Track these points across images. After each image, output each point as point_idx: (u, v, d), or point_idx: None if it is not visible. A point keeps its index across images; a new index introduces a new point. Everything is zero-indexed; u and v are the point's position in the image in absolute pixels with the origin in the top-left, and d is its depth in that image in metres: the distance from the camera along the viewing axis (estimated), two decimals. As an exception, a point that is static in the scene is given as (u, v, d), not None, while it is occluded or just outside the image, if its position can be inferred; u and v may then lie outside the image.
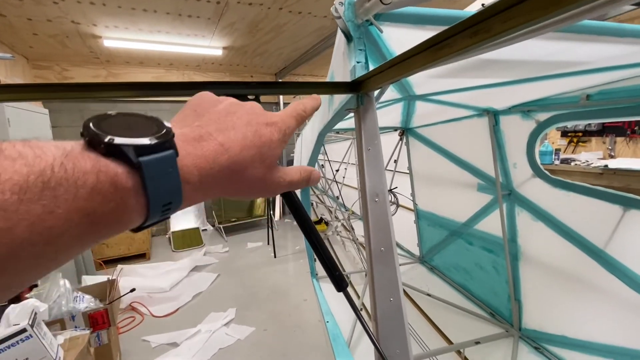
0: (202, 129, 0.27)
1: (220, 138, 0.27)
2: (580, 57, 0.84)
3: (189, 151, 0.25)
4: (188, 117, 0.29)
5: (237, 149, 0.28)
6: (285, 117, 0.34)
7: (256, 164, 0.29)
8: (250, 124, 0.30)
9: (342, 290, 0.45)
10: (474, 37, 0.24)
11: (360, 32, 0.53)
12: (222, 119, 0.29)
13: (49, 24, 3.23)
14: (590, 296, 1.23)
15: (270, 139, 0.31)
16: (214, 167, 0.26)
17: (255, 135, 0.29)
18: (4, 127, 2.45)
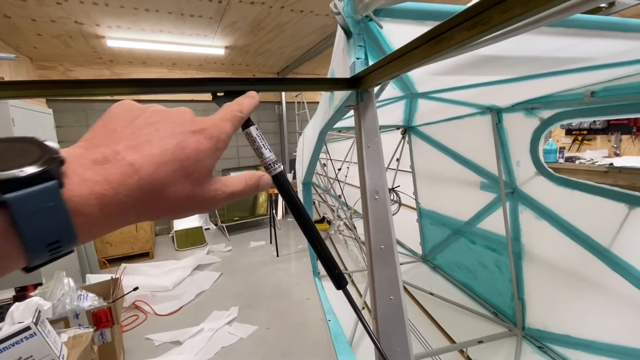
0: (108, 149, 0.24)
1: (131, 157, 0.24)
2: (584, 53, 0.83)
3: (85, 177, 0.22)
4: (97, 135, 0.26)
5: (150, 167, 0.24)
6: (218, 121, 0.31)
7: (179, 181, 0.26)
8: (173, 134, 0.27)
9: (342, 288, 0.45)
10: (472, 29, 0.23)
11: (360, 28, 0.52)
12: (137, 132, 0.26)
13: (53, 24, 3.25)
14: (595, 295, 1.22)
15: (197, 149, 0.27)
16: (120, 192, 0.23)
17: (177, 147, 0.26)
18: (8, 127, 2.46)
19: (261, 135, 0.41)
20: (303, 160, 1.83)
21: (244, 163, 6.27)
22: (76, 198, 0.21)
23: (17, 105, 2.60)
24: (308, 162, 1.51)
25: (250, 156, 6.35)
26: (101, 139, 0.25)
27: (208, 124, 0.30)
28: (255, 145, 0.41)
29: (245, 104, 0.36)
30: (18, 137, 0.22)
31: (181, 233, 5.16)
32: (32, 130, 2.84)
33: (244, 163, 6.27)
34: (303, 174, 1.71)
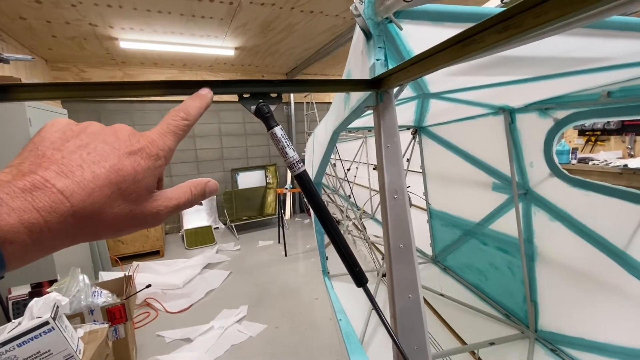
0: (36, 176, 0.23)
1: (60, 184, 0.23)
2: (603, 53, 0.82)
3: (14, 206, 0.22)
4: (26, 160, 0.25)
5: (82, 194, 0.24)
6: (157, 137, 0.30)
7: (116, 203, 0.26)
8: (107, 157, 0.26)
9: (362, 285, 0.46)
10: (504, 32, 0.24)
11: (380, 30, 0.53)
12: (68, 157, 0.25)
13: (68, 26, 3.32)
14: (610, 298, 1.20)
15: (134, 170, 0.27)
16: (51, 220, 0.23)
17: (112, 170, 0.25)
18: (25, 127, 2.53)
19: (285, 136, 0.42)
20: (313, 160, 1.84)
21: (252, 163, 6.31)
22: (4, 227, 0.21)
23: (33, 105, 2.67)
24: (319, 162, 1.52)
25: (258, 156, 6.39)
26: (29, 164, 0.24)
27: (145, 142, 0.29)
28: (280, 145, 0.42)
29: (193, 109, 0.34)
30: None
31: (191, 232, 5.21)
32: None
33: (253, 163, 6.31)
34: (313, 174, 1.72)
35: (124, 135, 0.28)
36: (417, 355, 0.52)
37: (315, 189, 0.43)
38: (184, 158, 5.74)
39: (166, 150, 0.30)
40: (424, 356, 0.52)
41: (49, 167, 0.24)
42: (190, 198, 0.32)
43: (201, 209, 5.75)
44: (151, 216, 0.29)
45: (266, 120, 0.42)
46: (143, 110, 5.31)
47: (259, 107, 0.42)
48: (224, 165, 6.10)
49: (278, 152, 0.42)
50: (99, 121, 0.30)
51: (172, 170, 5.66)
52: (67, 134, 0.27)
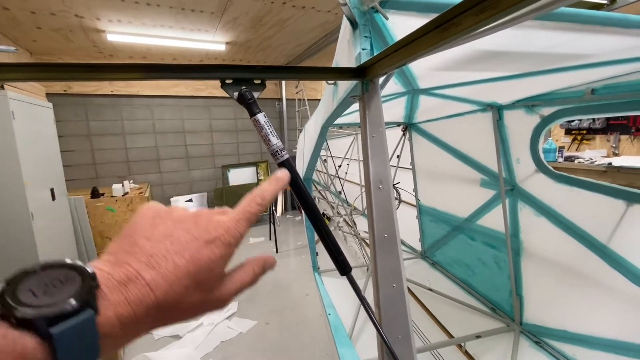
0: (130, 268, 0.26)
1: (148, 276, 0.26)
2: (585, 50, 0.83)
3: (112, 301, 0.24)
4: (121, 249, 0.27)
5: (165, 286, 0.26)
6: (234, 225, 0.31)
7: (191, 293, 0.28)
8: (187, 247, 0.28)
9: (346, 274, 0.46)
10: (481, 14, 0.24)
11: (366, 19, 0.53)
12: (156, 246, 0.27)
13: (53, 17, 3.24)
14: (592, 291, 1.23)
15: (210, 260, 0.28)
16: (138, 312, 0.25)
17: (191, 261, 0.27)
18: (8, 120, 2.46)
19: (269, 123, 0.42)
20: (304, 155, 1.84)
21: (244, 160, 6.27)
22: (105, 322, 0.23)
23: (16, 98, 2.60)
24: (309, 157, 1.52)
25: (249, 153, 6.35)
26: (125, 254, 0.27)
27: (222, 230, 0.30)
28: (263, 133, 0.42)
29: (269, 193, 0.36)
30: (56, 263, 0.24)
31: (180, 229, 5.16)
32: (33, 124, 2.83)
33: (244, 160, 6.27)
34: (304, 169, 1.71)
35: (203, 222, 0.30)
36: (401, 345, 0.52)
37: (299, 175, 0.42)
38: (174, 154, 5.67)
39: (238, 237, 0.31)
40: (407, 345, 0.52)
41: (140, 258, 0.26)
42: (253, 278, 0.35)
43: (191, 206, 5.70)
44: (219, 301, 0.31)
45: (249, 107, 0.41)
46: (131, 105, 5.22)
47: (241, 93, 0.42)
48: (215, 161, 6.04)
49: (261, 139, 0.42)
50: (85, 115, 0.29)
51: (161, 166, 5.58)
52: (156, 220, 0.30)
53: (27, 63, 0.35)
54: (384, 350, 0.51)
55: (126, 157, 5.28)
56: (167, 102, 5.46)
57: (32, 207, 2.59)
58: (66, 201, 3.37)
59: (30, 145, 2.70)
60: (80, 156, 4.93)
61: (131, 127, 5.26)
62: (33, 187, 2.65)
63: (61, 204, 3.23)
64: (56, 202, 3.10)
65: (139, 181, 5.34)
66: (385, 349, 0.51)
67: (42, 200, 2.84)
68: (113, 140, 5.14)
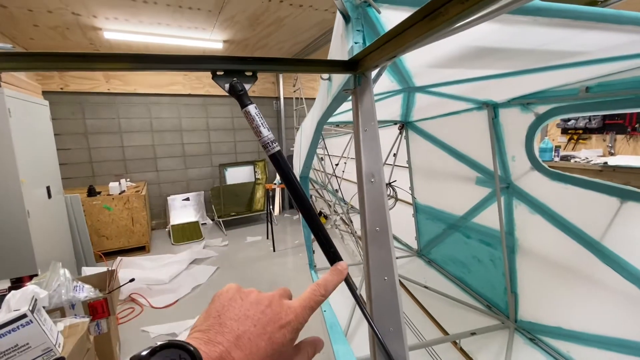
0: (222, 347, 0.29)
1: (237, 356, 0.29)
2: (579, 47, 0.84)
3: None
4: (212, 328, 0.31)
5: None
6: (301, 312, 0.35)
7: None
8: (265, 330, 0.32)
9: (337, 266, 0.46)
10: (466, 1, 0.24)
11: (358, 13, 0.53)
12: (242, 328, 0.31)
13: (50, 15, 3.22)
14: (586, 288, 1.24)
15: (282, 343, 0.32)
16: None
17: (269, 343, 0.31)
18: (4, 118, 2.45)
19: (260, 114, 0.42)
20: (301, 153, 1.84)
21: (241, 158, 6.26)
22: None
23: (13, 96, 2.58)
24: (305, 154, 1.52)
25: (247, 151, 6.34)
26: (215, 333, 0.30)
27: (292, 316, 0.34)
28: (254, 124, 0.42)
29: (332, 285, 0.40)
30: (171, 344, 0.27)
31: (177, 227, 5.15)
32: (29, 122, 2.81)
33: (241, 158, 6.26)
34: (300, 167, 1.71)
35: (277, 306, 0.34)
36: (393, 337, 0.52)
37: (289, 167, 0.42)
38: (172, 152, 5.65)
39: (304, 323, 0.35)
40: (399, 338, 0.53)
41: (229, 338, 0.30)
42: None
43: (188, 205, 5.68)
44: None
45: (240, 98, 0.41)
46: (128, 103, 5.20)
47: (232, 85, 0.42)
48: (212, 160, 6.03)
49: (252, 131, 0.42)
50: (82, 113, 0.30)
51: (158, 165, 5.57)
52: (237, 301, 0.33)
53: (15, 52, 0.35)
54: (375, 343, 0.51)
55: (123, 155, 5.26)
56: (164, 100, 5.45)
57: (28, 205, 2.57)
58: (62, 199, 3.36)
59: (26, 143, 2.69)
60: (77, 154, 4.91)
61: (128, 126, 5.24)
62: (29, 185, 2.64)
63: (57, 202, 3.22)
64: (52, 200, 3.09)
65: (135, 179, 5.33)
66: (377, 342, 0.51)
67: (38, 198, 2.83)
68: (110, 139, 5.12)
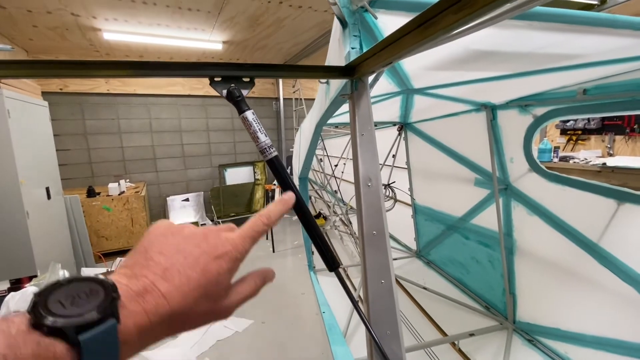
0: (146, 280, 0.28)
1: (163, 287, 0.28)
2: (576, 50, 0.84)
3: (131, 310, 0.26)
4: (137, 263, 0.29)
5: (178, 297, 0.28)
6: (240, 241, 0.34)
7: (201, 302, 0.30)
8: (198, 261, 0.30)
9: (334, 270, 0.46)
10: (458, 12, 0.24)
11: (355, 19, 0.53)
12: (170, 260, 0.29)
13: (49, 16, 3.22)
14: (584, 289, 1.24)
15: (218, 273, 0.31)
16: (154, 321, 0.27)
17: (202, 274, 0.30)
18: (3, 119, 2.45)
19: (257, 120, 0.42)
20: (300, 154, 1.84)
21: (240, 159, 6.26)
22: (124, 330, 0.25)
23: (12, 97, 2.59)
24: (304, 156, 1.52)
25: (246, 152, 6.34)
26: (140, 267, 0.29)
27: (230, 246, 0.33)
28: (252, 130, 0.42)
29: (275, 214, 0.38)
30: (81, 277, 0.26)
31: (177, 228, 5.15)
32: (28, 123, 2.82)
33: (241, 159, 6.26)
34: (300, 168, 1.72)
35: (212, 239, 0.33)
36: (389, 340, 0.53)
37: (286, 171, 0.43)
38: (171, 153, 5.65)
39: (244, 253, 0.34)
40: (396, 341, 0.53)
41: (155, 271, 0.28)
42: (254, 289, 0.37)
43: (188, 205, 5.68)
44: (225, 310, 0.33)
45: (237, 104, 0.42)
46: (128, 104, 5.20)
47: (230, 91, 0.42)
48: (212, 160, 6.03)
49: (249, 136, 0.42)
50: (81, 114, 0.30)
51: (157, 165, 5.57)
52: (168, 238, 0.32)
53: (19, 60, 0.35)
54: (372, 346, 0.52)
55: (122, 156, 5.26)
56: (163, 101, 5.45)
57: (28, 205, 2.58)
58: (62, 200, 3.36)
59: (25, 144, 2.69)
60: (76, 155, 4.91)
61: (127, 126, 5.24)
62: (28, 185, 2.64)
63: (57, 202, 3.22)
64: (51, 201, 3.09)
65: (135, 180, 5.33)
66: (374, 345, 0.51)
67: (37, 199, 2.83)
68: (109, 139, 5.12)
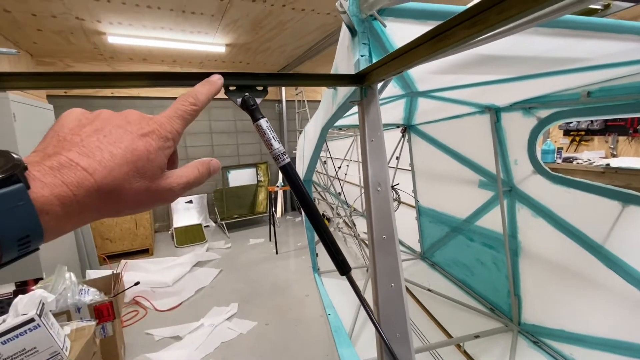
0: (61, 156, 0.26)
1: (83, 162, 0.26)
2: (580, 54, 0.85)
3: (46, 182, 0.24)
4: (49, 145, 0.28)
5: (104, 171, 0.27)
6: (166, 121, 0.32)
7: (134, 179, 0.28)
8: (121, 139, 0.29)
9: (345, 274, 0.47)
10: (472, 28, 0.25)
11: (364, 27, 0.54)
12: (87, 140, 0.28)
13: (54, 20, 3.25)
14: (589, 291, 1.24)
15: (147, 150, 0.29)
16: (79, 194, 0.25)
17: (127, 150, 0.28)
18: (9, 122, 2.47)
19: (271, 128, 0.43)
20: (304, 157, 1.85)
21: (243, 161, 6.28)
22: (40, 199, 0.24)
23: (17, 100, 2.61)
24: (309, 159, 1.53)
25: (249, 154, 6.36)
26: (53, 147, 0.27)
27: (155, 125, 0.31)
28: (266, 137, 0.43)
29: (202, 94, 0.37)
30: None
31: (180, 230, 5.17)
32: (34, 126, 2.84)
33: (244, 161, 6.28)
34: (304, 171, 1.73)
35: (135, 119, 0.31)
36: (399, 343, 0.53)
37: (299, 178, 0.44)
38: (174, 155, 5.67)
39: (174, 133, 0.33)
40: (405, 343, 0.54)
41: (71, 149, 0.27)
42: (197, 175, 0.35)
43: (191, 207, 5.70)
44: (166, 192, 0.32)
45: (252, 113, 0.43)
46: (132, 106, 5.16)
47: (244, 100, 0.43)
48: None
49: (263, 144, 0.43)
50: None
51: (161, 167, 5.59)
52: (82, 121, 0.30)
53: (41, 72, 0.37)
54: (382, 348, 0.53)
55: (126, 158, 5.28)
56: (166, 103, 5.45)
57: (33, 208, 2.60)
58: (67, 203, 3.38)
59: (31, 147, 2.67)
60: (81, 158, 4.94)
61: (131, 129, 5.27)
62: (34, 188, 2.66)
63: (62, 205, 3.24)
64: (57, 204, 3.11)
65: (139, 182, 5.35)
66: (384, 347, 0.52)
67: (43, 201, 2.85)
68: (113, 142, 5.15)
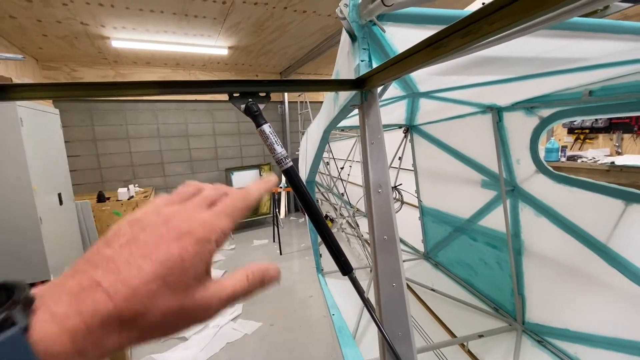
0: (85, 275, 0.23)
1: (106, 282, 0.22)
2: (580, 54, 0.86)
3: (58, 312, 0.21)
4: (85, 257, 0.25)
5: (126, 291, 0.22)
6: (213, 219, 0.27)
7: (162, 297, 0.24)
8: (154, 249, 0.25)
9: (347, 274, 0.48)
10: (465, 37, 0.26)
11: (364, 32, 0.55)
12: (118, 251, 0.24)
13: (59, 25, 3.30)
14: (593, 290, 1.24)
15: (181, 258, 0.25)
16: (93, 323, 0.21)
17: (159, 262, 0.24)
18: (16, 127, 2.51)
19: (274, 133, 0.45)
20: (307, 158, 1.87)
21: (247, 162, 6.31)
22: (45, 339, 0.20)
23: (24, 105, 2.65)
24: (312, 160, 1.54)
25: (252, 155, 6.39)
26: (84, 262, 0.24)
27: (196, 223, 0.26)
28: (269, 142, 0.44)
29: (255, 193, 0.32)
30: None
31: (185, 232, 5.20)
32: (41, 130, 2.88)
33: (247, 162, 6.31)
34: (307, 172, 1.74)
35: (177, 218, 0.27)
36: (401, 341, 0.54)
37: (301, 181, 0.45)
38: (178, 157, 5.72)
39: (220, 233, 0.27)
40: (407, 342, 0.55)
41: (99, 265, 0.23)
42: (246, 287, 0.28)
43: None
44: (202, 309, 0.26)
45: (255, 118, 0.44)
46: (136, 110, 5.28)
47: (248, 106, 0.44)
48: (218, 164, 6.09)
49: (266, 148, 0.45)
50: (91, 120, 0.31)
51: (165, 170, 5.64)
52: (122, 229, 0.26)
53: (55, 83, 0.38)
54: (384, 347, 0.54)
55: (131, 161, 5.34)
56: (170, 106, 5.52)
57: (41, 211, 2.63)
58: (73, 205, 3.42)
59: (38, 151, 2.75)
60: (86, 161, 5.00)
61: (135, 132, 5.32)
62: (41, 192, 2.70)
63: (68, 208, 3.28)
64: (63, 207, 3.15)
65: (143, 185, 5.40)
66: (386, 346, 0.53)
67: (50, 205, 2.89)
68: (118, 145, 5.21)
